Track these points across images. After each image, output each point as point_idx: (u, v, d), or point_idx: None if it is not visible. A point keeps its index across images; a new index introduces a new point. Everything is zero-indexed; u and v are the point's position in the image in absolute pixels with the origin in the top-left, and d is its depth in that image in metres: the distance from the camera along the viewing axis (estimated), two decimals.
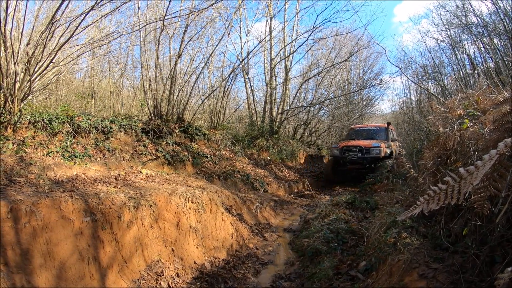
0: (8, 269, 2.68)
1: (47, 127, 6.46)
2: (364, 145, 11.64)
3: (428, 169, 3.78)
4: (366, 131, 13.42)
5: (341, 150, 12.07)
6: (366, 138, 12.62)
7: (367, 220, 5.12)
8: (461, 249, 2.50)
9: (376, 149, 11.28)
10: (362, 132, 13.48)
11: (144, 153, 7.67)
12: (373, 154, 11.22)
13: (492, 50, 10.34)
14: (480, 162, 1.62)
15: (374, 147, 11.36)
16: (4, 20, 5.43)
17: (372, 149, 11.32)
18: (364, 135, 13.06)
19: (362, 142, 11.86)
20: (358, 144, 11.76)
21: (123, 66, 12.78)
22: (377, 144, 11.42)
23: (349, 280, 3.55)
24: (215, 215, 5.28)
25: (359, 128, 14.24)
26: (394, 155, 11.93)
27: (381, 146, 11.28)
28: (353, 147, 11.81)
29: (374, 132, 13.06)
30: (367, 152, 11.38)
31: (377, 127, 13.65)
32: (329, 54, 15.98)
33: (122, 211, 3.84)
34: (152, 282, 3.69)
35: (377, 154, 11.17)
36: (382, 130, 13.00)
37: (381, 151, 11.17)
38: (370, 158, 11.19)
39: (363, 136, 12.89)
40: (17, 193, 3.37)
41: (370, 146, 11.44)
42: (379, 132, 12.99)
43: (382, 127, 13.32)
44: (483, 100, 3.55)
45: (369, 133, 13.17)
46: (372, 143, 11.60)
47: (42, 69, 6.30)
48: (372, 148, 11.37)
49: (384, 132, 12.84)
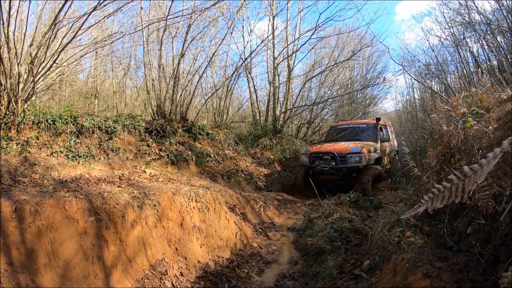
0: (13, 269, 2.70)
1: (51, 128, 6.49)
2: (338, 151, 9.13)
3: (432, 168, 3.77)
4: (350, 130, 11.11)
5: (309, 157, 9.67)
6: (349, 139, 10.47)
7: (371, 219, 5.11)
8: (465, 248, 2.49)
9: (355, 156, 8.84)
10: (345, 131, 11.14)
11: (147, 152, 7.69)
12: (350, 163, 8.82)
13: (495, 48, 10.26)
14: (484, 160, 1.62)
15: (352, 153, 8.90)
16: (7, 21, 5.46)
17: (350, 157, 8.88)
18: (347, 135, 10.84)
19: (337, 147, 9.39)
20: (331, 150, 9.26)
21: (126, 66, 12.84)
22: (356, 150, 8.93)
23: (353, 279, 3.55)
24: (219, 214, 5.28)
25: (341, 126, 11.77)
26: (386, 160, 10.27)
27: (361, 152, 8.82)
28: (324, 153, 9.35)
29: (360, 131, 10.85)
30: (343, 160, 8.95)
31: (364, 124, 11.28)
32: (332, 52, 15.95)
33: (126, 211, 3.85)
34: (156, 281, 3.70)
35: (356, 162, 8.78)
36: (370, 128, 10.70)
37: (361, 158, 8.78)
38: (346, 169, 8.87)
39: (345, 137, 10.71)
40: (21, 193, 3.38)
41: (346, 152, 8.98)
42: (366, 130, 10.75)
43: (370, 124, 10.94)
44: (486, 98, 3.53)
45: (353, 132, 10.92)
46: (350, 147, 9.13)
47: (46, 70, 6.33)
48: (349, 155, 8.92)
49: (372, 130, 10.55)
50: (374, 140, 10.04)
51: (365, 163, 8.84)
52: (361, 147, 9.04)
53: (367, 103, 21.28)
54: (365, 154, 8.89)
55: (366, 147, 9.17)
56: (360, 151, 8.88)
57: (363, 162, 8.79)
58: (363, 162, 8.79)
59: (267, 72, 14.52)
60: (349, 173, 8.91)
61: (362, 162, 8.78)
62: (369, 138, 10.19)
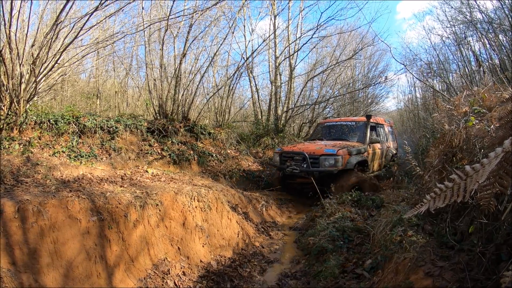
0: (16, 269, 2.71)
1: (53, 128, 6.51)
2: (311, 151, 7.96)
3: (434, 167, 3.76)
4: (337, 128, 9.92)
5: (281, 156, 8.63)
6: (335, 137, 9.40)
7: (373, 218, 5.11)
8: (467, 247, 2.49)
9: (330, 158, 7.61)
10: (332, 128, 10.04)
11: (149, 152, 7.71)
12: (324, 166, 7.63)
13: (497, 46, 10.25)
14: (486, 160, 1.62)
15: (327, 155, 7.67)
16: (9, 22, 5.47)
17: (324, 159, 7.65)
18: (333, 133, 9.80)
19: (311, 147, 8.21)
20: (303, 150, 8.12)
21: (127, 66, 12.85)
22: (331, 151, 7.70)
23: (355, 278, 3.55)
24: (221, 213, 5.29)
25: (329, 123, 10.58)
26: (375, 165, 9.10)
27: (338, 154, 7.60)
28: (295, 154, 8.24)
29: (348, 129, 9.59)
30: (315, 162, 7.78)
31: (353, 122, 9.85)
32: (334, 52, 15.92)
33: (128, 210, 3.86)
34: (158, 280, 3.71)
35: (330, 166, 7.57)
36: (360, 127, 9.39)
37: (337, 161, 7.56)
38: (318, 173, 7.69)
39: (330, 135, 9.72)
40: (24, 193, 3.40)
41: (320, 153, 7.76)
42: (355, 129, 9.46)
43: (360, 122, 9.59)
44: (488, 97, 3.52)
45: (340, 130, 9.71)
46: (324, 148, 7.90)
47: (47, 70, 6.35)
48: (323, 157, 7.68)
49: (361, 129, 9.25)
50: (361, 140, 8.87)
51: (342, 167, 7.62)
52: (338, 148, 7.82)
53: (369, 102, 21.26)
54: (342, 156, 7.64)
55: (345, 148, 7.93)
56: (336, 153, 7.65)
57: (339, 166, 7.57)
58: (339, 166, 7.57)
59: (269, 72, 14.52)
60: (323, 178, 7.72)
61: (338, 166, 7.56)
62: (356, 138, 9.05)
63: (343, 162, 7.66)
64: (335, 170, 7.57)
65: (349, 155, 7.84)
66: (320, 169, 7.70)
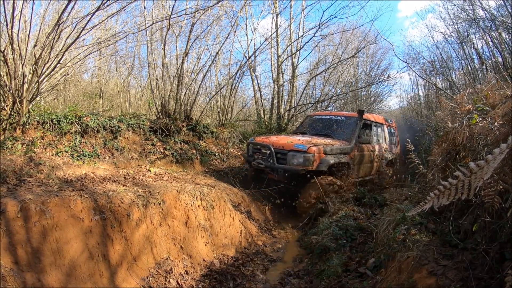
0: (19, 268, 2.72)
1: (56, 127, 6.52)
2: (279, 145, 6.91)
3: (437, 165, 3.75)
4: (326, 122, 8.69)
5: (249, 147, 7.83)
6: (319, 133, 8.18)
7: (376, 217, 5.09)
8: (471, 245, 2.47)
9: (298, 155, 6.49)
10: (320, 122, 8.81)
11: (152, 151, 7.71)
12: (291, 164, 6.56)
13: (500, 44, 10.20)
14: (490, 156, 1.61)
15: (296, 151, 6.56)
16: (11, 22, 5.49)
17: (292, 155, 6.58)
18: (319, 127, 8.58)
19: (282, 140, 7.12)
20: (272, 143, 7.06)
21: (130, 65, 12.85)
22: (302, 147, 6.54)
23: (358, 277, 3.54)
24: (224, 212, 5.29)
25: (318, 117, 9.26)
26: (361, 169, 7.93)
27: (309, 151, 6.43)
28: (262, 146, 7.25)
29: (337, 125, 8.35)
30: (281, 158, 6.77)
31: (343, 117, 8.54)
32: (336, 50, 15.86)
33: (131, 209, 3.86)
34: (161, 279, 3.71)
35: (298, 164, 6.48)
36: (350, 123, 8.14)
37: (307, 160, 6.40)
38: (283, 170, 6.64)
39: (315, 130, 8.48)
40: (27, 193, 3.41)
41: (289, 148, 6.69)
42: (345, 125, 8.19)
43: (352, 117, 8.34)
44: (492, 95, 3.50)
45: (329, 125, 8.48)
46: (295, 143, 6.76)
47: (50, 70, 6.36)
48: (291, 152, 6.61)
49: (351, 126, 8.03)
50: (347, 139, 7.63)
51: (313, 167, 6.45)
52: (311, 145, 6.61)
53: (372, 101, 21.20)
54: (313, 155, 6.45)
55: (321, 145, 6.71)
56: (307, 150, 6.46)
57: (309, 165, 6.42)
58: (309, 165, 6.42)
59: (271, 70, 14.46)
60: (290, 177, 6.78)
61: (307, 165, 6.42)
62: (344, 136, 7.78)
63: (314, 162, 6.45)
64: (302, 170, 6.40)
65: (324, 154, 6.64)
66: (285, 167, 6.62)
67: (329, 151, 6.77)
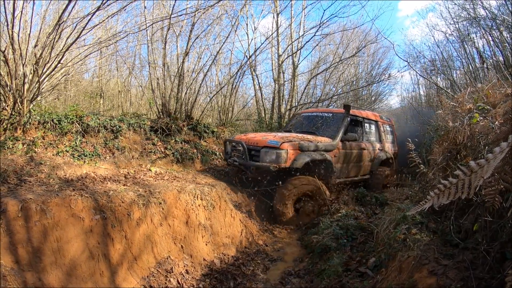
0: (19, 267, 2.72)
1: (57, 127, 6.53)
2: (254, 142, 6.62)
3: (438, 164, 3.75)
4: (312, 119, 8.27)
5: (225, 146, 7.57)
6: (306, 130, 7.85)
7: (377, 216, 5.09)
8: (472, 245, 2.47)
9: (271, 152, 6.14)
10: (307, 120, 8.43)
11: (153, 151, 7.71)
12: (263, 161, 6.19)
13: (501, 43, 10.18)
14: (491, 155, 1.60)
15: (269, 147, 6.21)
16: (11, 22, 5.49)
17: (264, 152, 6.23)
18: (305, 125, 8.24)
19: (258, 137, 6.88)
20: (245, 140, 6.79)
21: (130, 65, 12.86)
22: (275, 143, 6.20)
23: (359, 277, 3.53)
24: (224, 212, 5.29)
25: (305, 114, 8.91)
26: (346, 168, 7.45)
27: (282, 148, 6.07)
28: (236, 143, 6.99)
29: (323, 122, 7.88)
30: (256, 155, 6.44)
31: (330, 113, 8.14)
32: (337, 49, 15.83)
33: (131, 209, 3.87)
34: (161, 279, 3.72)
35: (271, 161, 6.10)
36: (336, 120, 7.67)
37: (280, 157, 6.04)
38: (255, 167, 6.37)
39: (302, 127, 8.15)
40: (27, 192, 3.41)
41: (263, 144, 6.35)
42: (331, 122, 7.72)
43: (339, 113, 7.86)
44: (492, 94, 3.50)
45: (314, 122, 8.07)
46: (269, 139, 6.46)
47: (50, 70, 6.36)
48: (264, 149, 6.27)
49: (337, 122, 7.56)
50: (332, 135, 7.20)
51: (286, 165, 6.09)
52: (284, 141, 6.26)
53: (373, 100, 21.18)
54: (286, 151, 6.07)
55: (296, 141, 6.35)
56: (280, 146, 6.09)
57: (281, 163, 6.04)
58: (281, 163, 6.04)
59: (272, 70, 14.45)
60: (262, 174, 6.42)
61: (279, 162, 6.04)
62: (329, 133, 7.37)
63: (287, 159, 6.08)
64: (273, 168, 6.02)
65: (299, 151, 6.26)
66: (257, 164, 6.27)
67: (305, 147, 6.36)
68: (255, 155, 6.46)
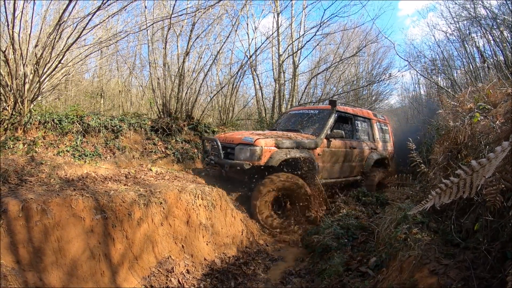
0: (20, 267, 2.72)
1: (57, 127, 6.54)
2: (229, 139, 6.41)
3: (439, 164, 3.74)
4: (299, 117, 7.93)
5: (203, 144, 7.37)
6: (291, 128, 7.51)
7: (377, 216, 5.09)
8: (472, 245, 2.46)
9: (245, 149, 5.90)
10: (294, 118, 8.11)
11: (153, 151, 7.72)
12: (238, 159, 5.94)
13: (502, 42, 10.17)
14: (492, 154, 1.60)
15: (244, 144, 5.98)
16: (12, 22, 5.50)
17: (239, 149, 5.98)
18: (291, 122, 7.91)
19: (235, 135, 6.64)
20: (222, 138, 6.61)
21: (131, 65, 12.89)
22: (249, 139, 5.98)
23: (359, 276, 3.53)
24: (225, 211, 5.28)
25: (293, 112, 8.61)
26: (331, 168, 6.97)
27: (256, 144, 5.81)
28: (211, 140, 6.91)
29: (309, 119, 7.54)
30: (231, 153, 6.20)
31: (317, 110, 7.81)
32: (337, 49, 15.83)
33: (132, 209, 3.86)
34: (162, 278, 3.71)
35: (246, 158, 5.84)
36: (323, 116, 7.30)
37: (254, 154, 5.78)
38: (229, 165, 6.01)
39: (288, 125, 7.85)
40: (28, 192, 3.41)
41: (238, 141, 6.11)
42: (317, 119, 7.35)
43: (325, 110, 7.48)
44: (493, 93, 3.49)
45: (300, 120, 7.71)
46: (244, 136, 6.24)
47: (51, 70, 6.37)
48: (239, 146, 6.02)
49: (323, 119, 7.18)
50: (316, 133, 6.88)
51: (260, 162, 5.81)
52: (258, 137, 6.00)
53: (373, 100, 21.17)
54: (261, 148, 5.80)
55: (271, 138, 6.08)
56: (254, 143, 5.83)
57: (256, 160, 5.78)
58: (256, 160, 5.78)
59: (272, 70, 14.45)
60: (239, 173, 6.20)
61: (253, 160, 5.78)
62: (314, 130, 7.04)
63: (261, 156, 5.80)
64: (246, 165, 5.72)
65: (276, 148, 5.98)
66: (231, 162, 5.99)
67: (283, 144, 6.05)
68: (231, 153, 6.20)
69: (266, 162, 5.85)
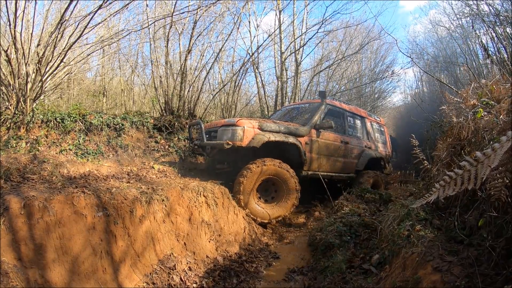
0: (22, 264, 2.72)
1: (60, 126, 6.55)
2: (214, 124, 6.51)
3: (442, 160, 3.72)
4: (293, 111, 8.13)
5: (189, 131, 7.32)
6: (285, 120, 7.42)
7: (380, 213, 5.06)
8: (476, 241, 2.44)
9: (227, 130, 5.83)
10: (289, 111, 8.28)
11: (156, 149, 7.72)
12: (221, 139, 5.84)
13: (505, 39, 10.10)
14: (497, 145, 1.58)
15: (226, 125, 5.94)
16: (14, 22, 5.50)
17: (222, 131, 5.91)
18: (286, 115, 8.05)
19: (216, 121, 6.84)
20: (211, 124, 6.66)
21: (133, 63, 12.89)
22: (232, 120, 6.00)
23: (362, 274, 3.51)
24: (227, 209, 5.28)
25: (288, 107, 8.86)
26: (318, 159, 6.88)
27: (238, 125, 5.78)
28: (195, 124, 7.04)
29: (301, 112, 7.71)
30: (214, 136, 6.16)
31: (306, 104, 8.12)
32: (340, 46, 15.80)
33: (134, 206, 3.86)
34: (164, 276, 3.71)
35: (228, 139, 5.70)
36: (313, 108, 7.40)
37: (235, 134, 5.69)
38: (210, 147, 6.03)
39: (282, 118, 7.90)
40: (30, 190, 3.41)
41: (221, 124, 6.13)
42: (309, 111, 7.45)
43: (315, 103, 7.72)
44: (497, 89, 3.46)
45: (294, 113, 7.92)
46: (226, 120, 6.35)
47: (53, 69, 6.38)
48: (222, 128, 5.98)
49: (312, 111, 7.25)
50: (305, 123, 6.86)
51: (243, 143, 5.68)
52: (239, 119, 5.97)
53: (376, 97, 21.11)
54: (243, 128, 5.73)
55: (255, 121, 6.09)
56: (236, 123, 5.81)
57: (237, 140, 5.65)
58: (237, 140, 5.65)
59: (275, 67, 14.44)
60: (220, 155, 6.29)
61: (235, 140, 5.65)
62: (304, 121, 7.02)
63: (243, 137, 5.69)
64: (226, 145, 5.60)
65: (259, 130, 5.89)
66: (212, 143, 5.94)
67: (267, 127, 5.99)
68: (214, 136, 6.15)
69: (248, 143, 5.72)
